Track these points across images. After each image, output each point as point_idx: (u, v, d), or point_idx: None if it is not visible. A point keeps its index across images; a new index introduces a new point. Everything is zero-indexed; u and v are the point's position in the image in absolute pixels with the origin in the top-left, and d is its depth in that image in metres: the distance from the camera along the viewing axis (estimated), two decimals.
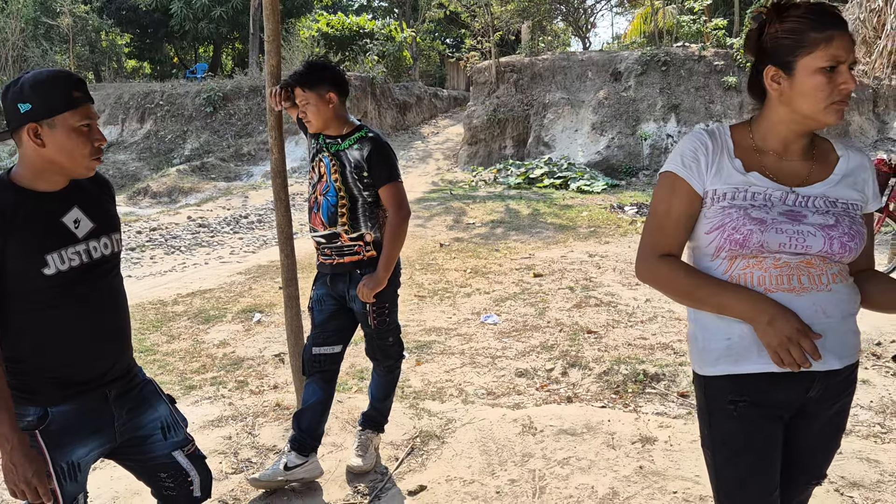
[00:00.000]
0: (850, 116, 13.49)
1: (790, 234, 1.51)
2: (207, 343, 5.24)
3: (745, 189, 1.56)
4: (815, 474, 1.77)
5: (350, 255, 2.98)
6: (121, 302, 1.95)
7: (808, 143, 1.63)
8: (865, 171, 1.64)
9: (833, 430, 1.73)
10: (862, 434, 3.44)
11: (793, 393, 1.60)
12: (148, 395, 2.00)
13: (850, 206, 1.58)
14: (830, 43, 1.48)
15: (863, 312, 1.68)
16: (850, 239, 1.53)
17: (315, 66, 2.95)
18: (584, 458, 3.17)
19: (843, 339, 1.58)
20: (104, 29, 23.23)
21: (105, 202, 1.94)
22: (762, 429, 1.61)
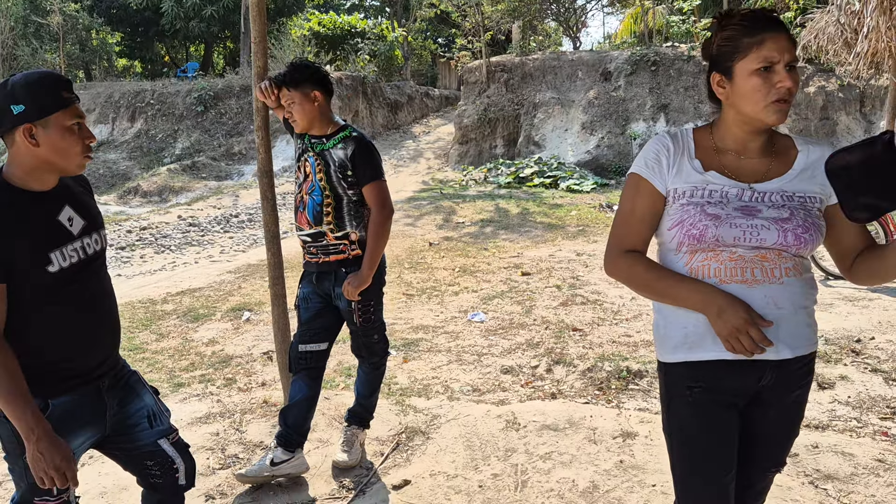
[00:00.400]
0: (837, 116, 13.62)
1: (744, 228, 1.58)
2: (196, 341, 5.28)
3: (703, 187, 1.64)
4: (773, 462, 1.83)
5: (335, 254, 3.03)
6: (112, 295, 2.01)
7: (767, 141, 1.69)
8: (822, 162, 1.62)
9: (789, 420, 1.77)
10: (838, 428, 3.51)
11: (746, 380, 1.66)
12: (134, 384, 2.06)
13: (808, 199, 1.63)
14: (763, 45, 1.55)
15: (850, 309, 1.74)
16: (805, 231, 1.58)
17: (298, 66, 3.00)
18: (566, 453, 3.23)
19: (795, 330, 1.63)
20: (95, 27, 23.18)
21: (88, 200, 1.98)
22: (716, 415, 1.69)
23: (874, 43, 5.06)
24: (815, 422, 3.58)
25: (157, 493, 2.14)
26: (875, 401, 3.83)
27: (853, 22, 5.25)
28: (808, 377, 1.75)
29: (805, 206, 1.63)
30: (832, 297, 5.85)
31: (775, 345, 1.59)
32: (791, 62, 1.58)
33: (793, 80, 1.57)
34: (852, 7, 5.13)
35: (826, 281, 6.47)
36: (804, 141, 1.72)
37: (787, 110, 1.59)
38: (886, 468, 3.05)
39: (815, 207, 1.64)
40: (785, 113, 1.58)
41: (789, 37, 1.61)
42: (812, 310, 1.69)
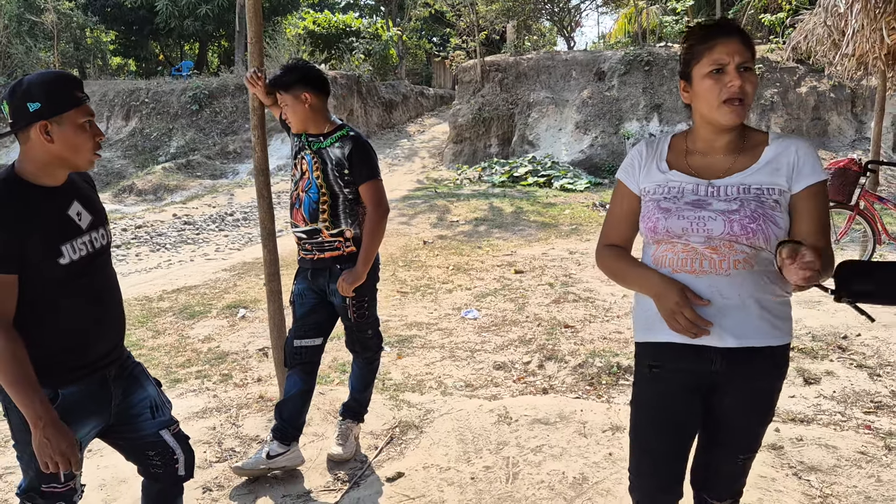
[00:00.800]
0: (828, 116, 13.73)
1: (691, 219, 1.71)
2: (192, 338, 5.33)
3: (664, 185, 1.80)
4: (737, 448, 1.89)
5: (330, 251, 3.09)
6: (117, 288, 2.09)
7: (736, 139, 1.78)
8: (790, 154, 1.74)
9: (750, 409, 1.82)
10: (823, 422, 3.59)
11: (698, 364, 1.76)
12: (138, 375, 2.13)
13: (766, 191, 1.71)
14: (713, 49, 1.68)
15: (838, 307, 1.81)
16: (752, 221, 1.67)
17: (287, 69, 3.04)
18: (557, 446, 3.30)
19: (743, 320, 1.70)
20: (89, 26, 23.13)
21: (93, 196, 2.06)
22: (673, 395, 1.82)
23: (859, 45, 5.14)
24: (800, 416, 3.66)
25: (158, 483, 2.20)
26: (859, 395, 3.91)
27: (839, 24, 5.33)
28: (777, 371, 1.80)
29: (760, 197, 1.70)
30: (820, 295, 5.93)
31: (720, 333, 1.70)
32: (742, 64, 1.67)
33: (745, 80, 1.66)
34: (838, 9, 5.21)
35: None
36: (776, 136, 1.80)
37: (742, 110, 1.68)
38: (868, 460, 3.13)
39: (772, 199, 1.70)
40: (738, 112, 1.68)
41: (743, 40, 1.70)
42: (770, 303, 1.73)
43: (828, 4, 5.37)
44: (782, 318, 1.77)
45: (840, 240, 6.89)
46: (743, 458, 1.91)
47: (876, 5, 4.61)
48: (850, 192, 6.53)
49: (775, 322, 1.74)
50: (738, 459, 1.91)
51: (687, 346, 1.73)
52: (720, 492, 1.98)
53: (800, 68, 14.05)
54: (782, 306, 1.77)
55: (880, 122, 6.92)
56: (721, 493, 1.98)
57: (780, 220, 1.70)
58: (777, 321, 1.75)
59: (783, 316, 1.77)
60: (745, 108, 1.68)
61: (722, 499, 1.98)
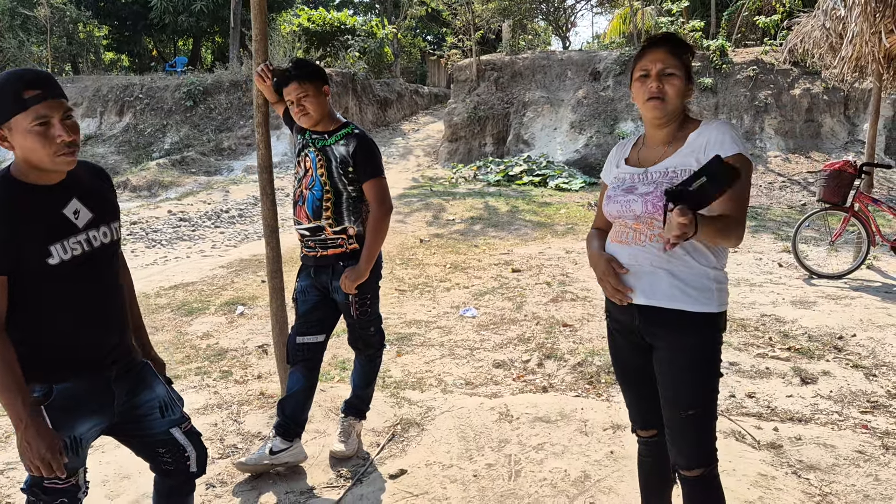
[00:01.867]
0: (821, 119, 13.81)
1: (622, 202, 2.05)
2: (191, 335, 5.32)
3: (616, 177, 2.15)
4: (673, 401, 2.04)
5: (333, 248, 3.09)
6: (121, 287, 2.05)
7: (671, 131, 2.06)
8: (705, 136, 1.98)
9: (676, 365, 2.03)
10: (821, 421, 3.62)
11: (625, 317, 2.11)
12: (145, 376, 2.10)
13: (679, 172, 1.97)
14: (641, 59, 2.02)
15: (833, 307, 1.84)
16: (659, 199, 1.94)
17: (307, 62, 3.07)
18: (558, 444, 3.32)
19: (652, 284, 2.00)
20: (82, 20, 23.00)
21: (104, 191, 2.02)
22: (620, 346, 2.22)
23: (858, 48, 5.17)
24: (798, 415, 3.69)
25: (170, 479, 2.20)
26: (856, 395, 3.94)
27: (838, 27, 5.36)
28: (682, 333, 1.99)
29: (673, 179, 1.97)
30: (815, 296, 5.98)
31: (635, 291, 2.03)
32: (664, 70, 1.97)
33: (665, 83, 1.97)
34: (837, 12, 5.24)
35: (810, 280, 6.60)
36: (705, 124, 2.04)
37: (661, 105, 1.99)
38: (866, 459, 3.16)
39: (680, 179, 1.92)
40: (658, 107, 1.99)
41: (670, 50, 1.99)
42: (683, 272, 1.97)
43: (827, 7, 5.41)
44: (698, 287, 1.97)
45: (835, 241, 6.94)
46: (682, 413, 2.01)
47: (875, 9, 4.64)
48: (845, 194, 6.58)
49: (687, 290, 1.97)
50: (679, 414, 2.02)
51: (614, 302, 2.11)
52: (683, 458, 2.06)
53: (794, 70, 14.13)
54: (699, 277, 1.98)
55: (875, 125, 6.98)
56: (684, 460, 2.05)
57: None
58: (690, 289, 1.97)
59: (699, 286, 1.97)
60: (665, 104, 1.98)
61: (687, 467, 2.05)
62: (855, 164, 6.56)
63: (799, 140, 13.73)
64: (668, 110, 2.00)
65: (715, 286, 1.99)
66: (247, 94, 17.64)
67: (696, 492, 2.08)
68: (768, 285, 6.41)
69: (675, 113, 2.03)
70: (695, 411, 2.01)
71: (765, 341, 4.84)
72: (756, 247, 8.24)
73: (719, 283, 2.01)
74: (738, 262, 7.37)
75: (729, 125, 2.00)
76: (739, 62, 14.55)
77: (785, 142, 13.72)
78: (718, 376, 2.05)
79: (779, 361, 4.45)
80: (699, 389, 2.02)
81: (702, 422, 2.03)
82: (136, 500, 2.91)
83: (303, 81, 2.97)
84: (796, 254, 6.73)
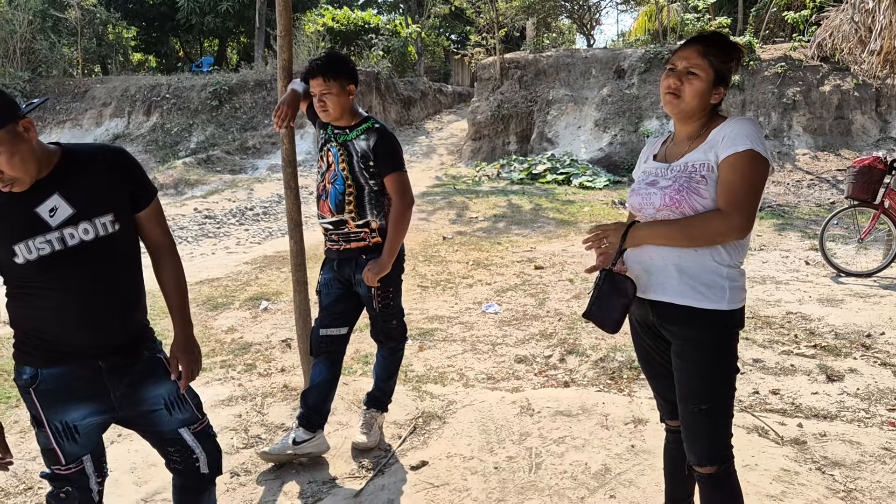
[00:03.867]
0: (852, 115, 13.57)
1: (643, 195, 2.09)
2: (216, 329, 5.40)
3: (643, 172, 2.20)
4: (685, 395, 2.05)
5: (356, 241, 3.12)
6: (117, 283, 1.96)
7: (697, 128, 2.07)
8: (722, 132, 1.98)
9: (687, 364, 2.03)
10: (847, 418, 3.57)
11: (641, 310, 2.14)
12: (152, 371, 2.04)
13: (697, 167, 2.00)
14: (673, 55, 2.06)
15: (861, 305, 1.83)
16: (677, 192, 1.99)
17: (338, 58, 3.06)
18: (579, 438, 3.32)
19: (662, 279, 2.03)
20: (111, 22, 23.37)
21: (99, 183, 1.91)
22: (638, 334, 2.25)
23: (887, 41, 5.09)
24: (823, 412, 3.65)
25: (180, 478, 2.19)
26: (883, 393, 3.88)
27: (867, 20, 5.28)
28: (703, 329, 1.99)
29: (691, 173, 2.00)
30: (843, 294, 5.90)
31: (647, 287, 2.06)
32: (687, 68, 2.00)
33: (683, 80, 2.00)
34: (866, 5, 5.16)
35: (838, 278, 6.51)
36: (729, 120, 2.03)
37: (676, 102, 2.02)
38: (893, 456, 3.12)
39: (699, 174, 1.98)
40: (671, 102, 2.04)
41: (700, 50, 2.01)
42: (694, 269, 1.98)
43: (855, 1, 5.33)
44: (709, 284, 1.97)
45: (864, 239, 6.83)
46: (695, 408, 2.01)
47: None
48: (874, 191, 6.47)
49: (698, 287, 1.97)
50: (691, 409, 2.03)
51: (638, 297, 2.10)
52: (694, 455, 2.06)
53: (823, 66, 13.91)
54: (710, 274, 1.97)
55: None
56: (696, 456, 2.06)
57: (705, 191, 1.96)
58: (701, 287, 1.97)
59: (710, 283, 1.97)
60: (679, 101, 2.02)
61: (699, 463, 2.05)
62: (885, 161, 6.45)
63: (828, 137, 13.51)
64: (681, 108, 2.03)
65: (728, 283, 1.98)
66: (271, 94, 17.81)
67: (709, 490, 2.07)
68: (795, 283, 6.33)
69: (691, 112, 2.03)
70: (707, 407, 2.01)
71: (790, 338, 4.79)
72: (783, 244, 8.14)
73: (732, 280, 1.99)
74: (765, 259, 7.29)
75: (749, 121, 1.99)
76: (767, 59, 14.37)
77: (814, 139, 13.51)
78: (734, 373, 2.03)
79: (804, 359, 4.40)
80: (711, 385, 2.01)
81: (715, 418, 2.02)
82: (163, 486, 2.96)
83: (328, 78, 2.98)
84: (824, 251, 6.64)
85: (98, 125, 18.34)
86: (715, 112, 2.07)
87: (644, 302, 2.09)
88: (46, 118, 18.80)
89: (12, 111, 1.74)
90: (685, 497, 2.43)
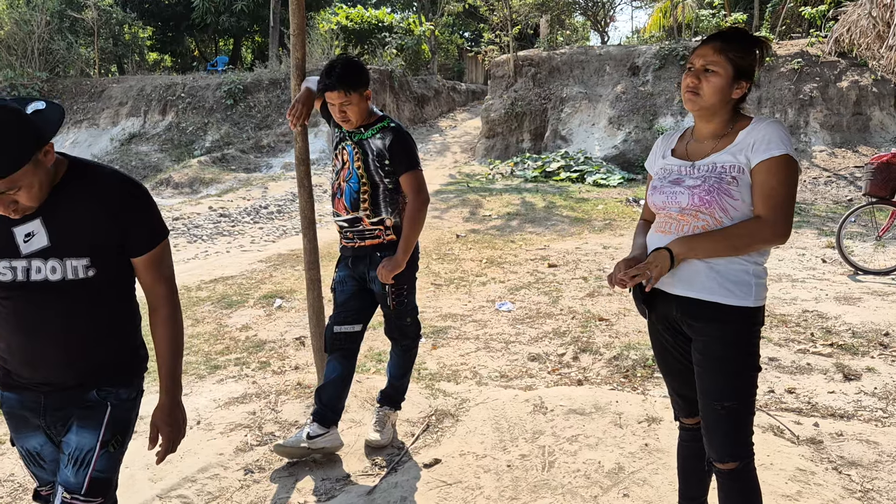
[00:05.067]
0: (870, 112, 13.41)
1: (668, 194, 2.08)
2: (230, 326, 5.43)
3: (662, 168, 2.18)
4: (706, 392, 2.05)
5: (371, 239, 3.14)
6: (78, 324, 1.78)
7: (720, 126, 2.07)
8: (754, 135, 1.98)
9: (711, 362, 2.03)
10: (864, 418, 3.54)
11: (663, 307, 2.13)
12: (87, 415, 1.83)
13: (727, 168, 1.99)
14: (692, 53, 2.07)
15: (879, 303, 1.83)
16: (707, 193, 1.98)
17: (354, 68, 3.00)
18: (592, 436, 3.31)
19: (691, 276, 2.02)
20: (127, 22, 23.56)
21: (86, 221, 1.73)
22: (657, 331, 2.23)
23: None
24: (840, 411, 3.62)
25: None
26: None
27: (885, 15, 5.22)
28: (728, 325, 1.99)
29: (721, 175, 1.99)
30: (861, 292, 5.84)
31: (674, 282, 2.04)
32: (705, 66, 2.00)
33: (701, 78, 2.00)
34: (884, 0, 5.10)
35: (855, 276, 6.44)
36: (756, 121, 2.04)
37: (696, 100, 2.02)
38: None
39: (730, 175, 1.98)
40: (691, 100, 2.04)
41: (718, 47, 2.01)
42: (723, 266, 1.98)
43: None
44: (736, 281, 1.98)
45: (882, 236, 6.75)
46: (718, 405, 2.01)
47: None
48: (893, 188, 6.40)
49: (726, 284, 1.98)
50: (715, 406, 2.02)
51: (658, 291, 2.10)
52: (716, 451, 2.05)
53: (841, 62, 13.76)
54: (738, 272, 1.98)
55: None
56: (717, 453, 2.05)
57: (736, 193, 1.97)
58: (728, 283, 1.98)
59: (738, 280, 1.98)
60: (698, 99, 2.02)
61: (721, 460, 2.05)
62: None
63: (846, 134, 13.36)
64: (701, 105, 2.03)
65: (754, 281, 1.99)
66: (285, 92, 17.87)
67: (729, 485, 2.08)
68: (811, 281, 6.27)
69: (712, 109, 2.04)
70: (730, 404, 2.01)
71: (806, 337, 4.75)
72: (799, 242, 8.06)
73: (758, 277, 2.01)
74: (780, 257, 7.22)
75: (779, 124, 2.01)
76: (784, 55, 14.23)
77: (831, 136, 13.37)
78: (757, 371, 2.04)
79: (820, 357, 4.36)
80: (736, 383, 2.02)
81: (738, 416, 2.03)
82: (178, 483, 2.99)
83: (348, 91, 2.96)
84: (841, 249, 6.57)
85: (114, 124, 18.50)
86: (737, 109, 2.08)
87: (668, 297, 2.08)
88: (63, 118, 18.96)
89: (39, 139, 1.60)
90: (699, 496, 2.42)
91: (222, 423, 3.58)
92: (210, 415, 3.68)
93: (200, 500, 2.89)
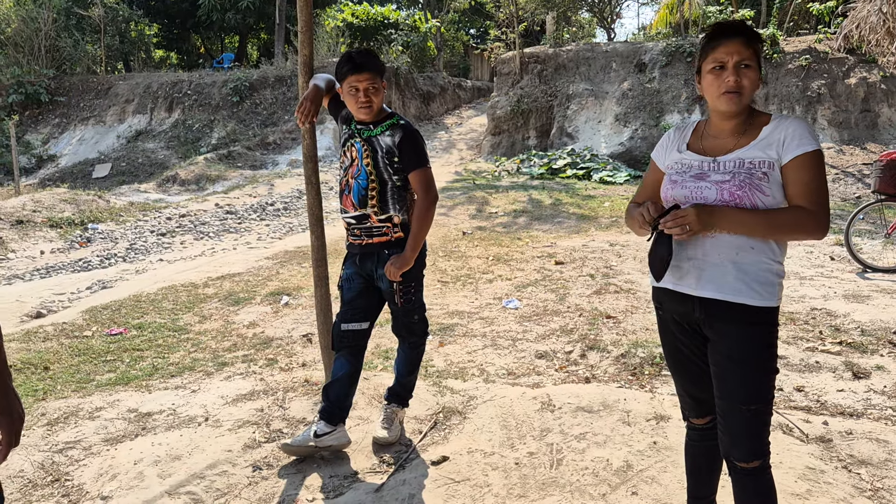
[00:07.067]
0: (879, 108, 13.36)
1: (692, 189, 2.03)
2: (238, 323, 5.44)
3: (679, 162, 2.13)
4: (728, 394, 2.03)
5: (379, 236, 3.13)
6: None
7: (741, 122, 2.05)
8: (782, 131, 1.97)
9: (735, 364, 2.00)
10: (874, 416, 3.52)
11: (682, 308, 2.09)
12: None
13: (757, 164, 1.97)
14: (715, 50, 1.98)
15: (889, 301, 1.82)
16: (738, 188, 1.95)
17: (370, 54, 3.03)
18: (600, 434, 3.30)
19: (717, 277, 1.98)
20: (133, 19, 23.61)
21: None
22: (673, 333, 2.19)
23: None
24: (849, 409, 3.60)
25: None
26: None
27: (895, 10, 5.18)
28: (753, 327, 1.98)
29: (751, 170, 1.96)
30: (869, 290, 5.81)
31: (697, 283, 2.01)
32: (741, 62, 1.95)
33: (741, 76, 1.95)
34: None
35: (864, 273, 6.41)
36: (777, 117, 2.03)
37: (738, 99, 1.97)
38: None
39: (761, 171, 1.96)
40: (734, 101, 1.97)
41: (745, 41, 1.96)
42: (749, 267, 1.96)
43: None
44: (762, 282, 1.96)
45: (891, 234, 6.72)
46: (745, 407, 2.00)
47: None
48: None
49: (752, 284, 1.96)
50: (740, 410, 2.00)
51: (675, 291, 2.08)
52: (741, 451, 2.04)
53: (849, 59, 13.69)
54: (763, 272, 1.97)
55: None
56: (742, 453, 2.04)
57: (767, 188, 1.94)
58: (755, 284, 1.96)
59: (763, 281, 1.97)
60: (741, 97, 1.97)
61: (745, 459, 2.05)
62: None
63: (854, 131, 13.30)
64: (743, 104, 1.99)
65: (777, 280, 1.99)
66: (291, 90, 17.88)
67: (751, 483, 2.07)
68: (819, 279, 6.25)
69: (748, 104, 2.03)
70: (757, 406, 2.00)
71: (815, 335, 4.73)
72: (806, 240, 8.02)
73: (780, 277, 2.00)
74: (788, 255, 7.17)
75: (803, 120, 2.02)
76: (791, 51, 14.17)
77: (839, 133, 13.31)
78: (776, 371, 2.04)
79: (829, 355, 4.34)
80: (759, 385, 2.01)
81: (763, 416, 2.03)
82: (186, 479, 3.00)
83: (375, 74, 2.98)
84: (849, 247, 6.54)
85: (121, 122, 18.55)
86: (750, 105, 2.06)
87: (687, 298, 2.05)
88: (70, 115, 19.04)
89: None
90: (709, 494, 2.42)
91: (230, 419, 3.58)
92: (218, 411, 3.69)
93: (209, 497, 2.89)
